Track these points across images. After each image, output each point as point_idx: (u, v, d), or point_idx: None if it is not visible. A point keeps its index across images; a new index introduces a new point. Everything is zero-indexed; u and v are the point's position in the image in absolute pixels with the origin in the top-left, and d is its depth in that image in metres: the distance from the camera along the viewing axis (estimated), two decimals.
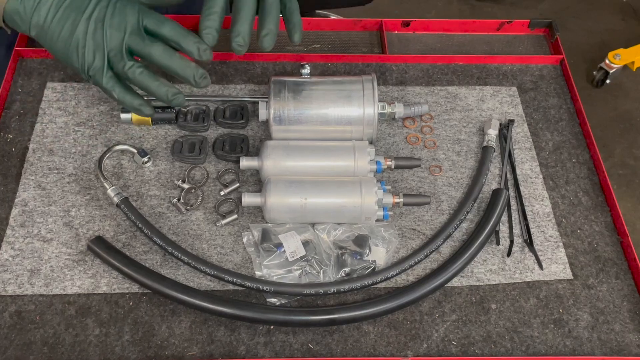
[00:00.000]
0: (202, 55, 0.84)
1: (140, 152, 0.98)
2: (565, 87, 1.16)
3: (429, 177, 1.01)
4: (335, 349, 0.84)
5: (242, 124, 1.05)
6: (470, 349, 0.85)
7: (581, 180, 1.03)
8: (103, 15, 0.83)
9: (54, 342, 0.83)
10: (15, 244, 0.91)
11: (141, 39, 0.83)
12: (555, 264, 0.93)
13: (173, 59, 0.84)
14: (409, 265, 0.90)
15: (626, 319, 0.89)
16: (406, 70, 1.15)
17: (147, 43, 0.83)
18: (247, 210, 0.96)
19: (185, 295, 0.84)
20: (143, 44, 0.83)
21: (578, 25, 2.91)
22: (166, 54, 0.84)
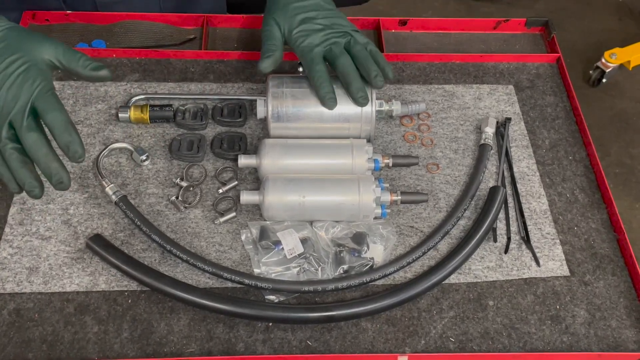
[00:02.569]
0: (71, 156, 0.79)
1: (138, 151, 0.99)
2: (561, 85, 1.16)
3: (426, 175, 1.02)
4: (334, 346, 0.85)
5: (240, 122, 1.05)
6: (468, 345, 0.86)
7: (578, 177, 1.03)
8: (4, 82, 0.80)
9: (53, 339, 0.83)
10: (13, 241, 0.91)
11: (21, 122, 0.78)
12: (552, 260, 0.94)
13: (39, 153, 0.79)
14: (407, 262, 0.90)
15: (622, 315, 0.89)
16: (403, 69, 1.16)
17: (24, 128, 0.78)
18: (246, 208, 0.96)
19: (183, 293, 0.84)
20: (20, 128, 0.78)
21: (574, 24, 2.91)
22: (36, 145, 0.79)
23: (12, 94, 0.79)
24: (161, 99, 1.07)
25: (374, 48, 0.99)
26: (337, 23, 1.01)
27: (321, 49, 0.98)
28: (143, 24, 1.17)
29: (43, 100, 0.80)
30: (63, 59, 0.84)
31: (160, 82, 1.10)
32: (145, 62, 1.12)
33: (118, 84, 1.09)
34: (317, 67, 0.96)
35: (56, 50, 0.84)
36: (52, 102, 0.80)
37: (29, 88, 0.80)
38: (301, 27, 0.99)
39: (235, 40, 1.20)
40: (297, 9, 1.01)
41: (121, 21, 1.17)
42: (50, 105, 0.80)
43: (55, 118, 0.79)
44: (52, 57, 0.84)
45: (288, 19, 1.00)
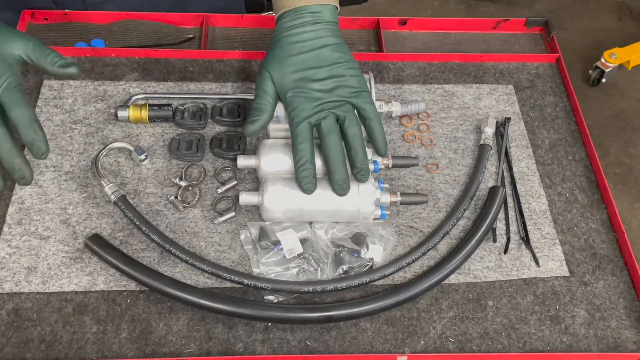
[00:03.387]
0: (35, 152, 0.81)
1: (137, 150, 0.98)
2: (561, 85, 1.16)
3: (426, 175, 1.02)
4: (333, 346, 0.84)
5: (240, 122, 1.05)
6: (468, 345, 0.86)
7: (577, 177, 1.03)
8: None
9: (51, 339, 0.83)
10: (12, 241, 0.91)
11: None
12: (552, 261, 0.94)
13: (2, 148, 0.80)
14: (407, 263, 0.90)
15: (622, 316, 0.89)
16: (403, 69, 1.15)
17: None
18: (245, 208, 0.96)
19: (182, 293, 0.84)
20: None
21: (574, 24, 2.91)
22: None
23: None
24: (160, 99, 1.07)
25: (374, 119, 0.90)
26: (339, 84, 0.90)
27: (310, 123, 0.89)
28: (142, 23, 1.17)
29: (9, 95, 0.80)
30: (32, 54, 0.83)
31: (159, 81, 1.10)
32: (145, 62, 1.12)
33: (117, 83, 1.09)
34: (300, 146, 0.88)
35: (26, 46, 0.83)
36: (17, 99, 0.80)
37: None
38: (294, 91, 0.90)
39: (235, 40, 1.19)
40: (294, 64, 0.91)
41: (120, 20, 1.17)
42: (15, 102, 0.80)
43: (20, 114, 0.79)
44: (22, 52, 0.83)
45: (283, 76, 0.91)
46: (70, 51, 1.12)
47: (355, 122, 0.89)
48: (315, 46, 0.92)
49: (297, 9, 0.93)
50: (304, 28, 0.93)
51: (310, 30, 0.93)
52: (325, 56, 0.92)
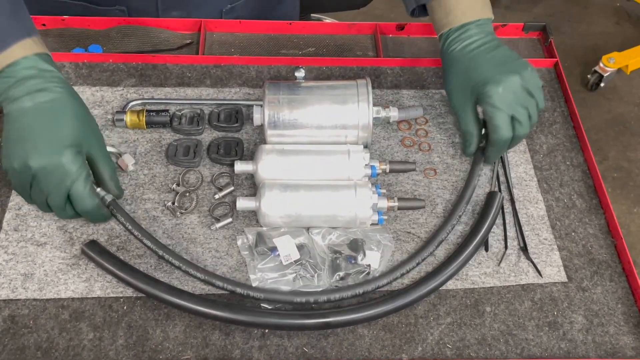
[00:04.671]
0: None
1: (125, 157, 0.98)
2: (559, 90, 1.16)
3: (423, 180, 1.02)
4: (330, 353, 0.84)
5: (237, 128, 1.05)
6: (465, 351, 0.85)
7: (575, 182, 1.03)
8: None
9: (48, 346, 0.83)
10: (8, 248, 0.90)
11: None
12: (550, 266, 0.93)
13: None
14: (401, 273, 0.89)
15: (620, 322, 0.89)
16: (401, 74, 1.15)
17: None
18: (242, 214, 0.96)
19: (179, 299, 0.84)
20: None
21: (572, 28, 2.92)
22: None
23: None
24: (158, 104, 1.07)
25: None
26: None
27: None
28: (140, 29, 1.17)
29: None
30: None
31: (156, 87, 1.09)
32: (142, 67, 1.12)
33: (114, 89, 1.08)
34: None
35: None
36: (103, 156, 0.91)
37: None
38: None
39: (232, 45, 1.19)
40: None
41: (118, 26, 1.17)
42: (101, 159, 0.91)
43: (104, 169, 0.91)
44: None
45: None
46: (68, 57, 1.11)
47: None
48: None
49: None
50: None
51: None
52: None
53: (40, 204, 0.88)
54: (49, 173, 0.83)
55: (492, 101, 0.94)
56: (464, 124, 1.00)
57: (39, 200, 0.87)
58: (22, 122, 0.84)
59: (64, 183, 0.84)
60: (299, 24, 1.22)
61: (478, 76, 0.96)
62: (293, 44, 1.21)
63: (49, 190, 0.84)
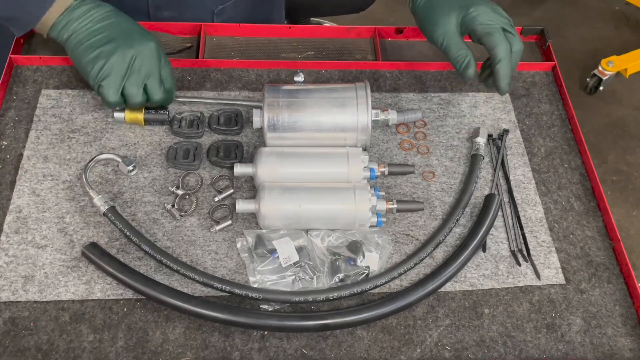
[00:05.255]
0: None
1: (125, 161, 0.98)
2: (557, 93, 1.17)
3: (422, 183, 1.02)
4: (329, 354, 0.85)
5: (237, 131, 1.05)
6: (464, 353, 0.86)
7: (573, 185, 1.04)
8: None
9: (48, 348, 0.83)
10: (9, 250, 0.91)
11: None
12: (548, 268, 0.94)
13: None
14: (398, 273, 0.90)
15: (618, 323, 0.89)
16: (400, 77, 1.16)
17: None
18: (242, 216, 0.96)
19: (179, 301, 0.84)
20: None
21: (571, 32, 2.92)
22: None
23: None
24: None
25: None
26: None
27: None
28: None
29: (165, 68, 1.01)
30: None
31: None
32: None
33: None
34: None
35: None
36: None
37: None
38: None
39: (232, 49, 1.20)
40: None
41: None
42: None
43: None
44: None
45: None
46: (69, 60, 1.12)
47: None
48: None
49: None
50: None
51: None
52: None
53: (132, 93, 0.97)
54: (148, 55, 0.97)
55: (482, 19, 0.97)
56: (456, 48, 0.99)
57: (134, 89, 0.96)
58: (109, 23, 0.98)
59: (159, 62, 0.98)
60: (298, 28, 1.23)
61: (457, 3, 0.99)
62: (292, 48, 1.22)
63: (148, 71, 0.97)
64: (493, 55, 0.96)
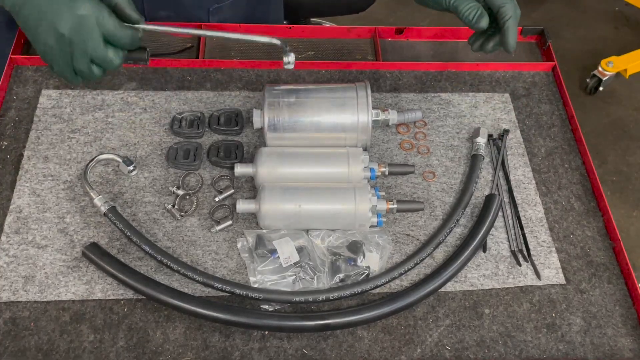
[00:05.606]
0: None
1: (125, 161, 0.98)
2: (557, 93, 1.17)
3: (422, 183, 1.02)
4: (330, 354, 0.85)
5: (237, 131, 1.05)
6: (464, 353, 0.86)
7: (573, 185, 1.04)
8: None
9: (49, 348, 0.83)
10: (9, 250, 0.91)
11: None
12: (548, 268, 0.94)
13: None
14: (399, 273, 0.90)
15: (618, 323, 0.89)
16: (400, 77, 1.16)
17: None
18: (242, 217, 0.96)
19: (179, 301, 0.84)
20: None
21: (571, 33, 2.92)
22: None
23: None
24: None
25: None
26: None
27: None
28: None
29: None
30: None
31: (157, 90, 1.10)
32: (143, 71, 1.13)
33: (115, 92, 1.09)
34: None
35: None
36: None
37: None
38: None
39: (232, 49, 1.20)
40: None
41: None
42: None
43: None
44: None
45: None
46: None
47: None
48: None
49: None
50: None
51: None
52: None
53: (88, 71, 0.86)
54: (79, 31, 0.83)
55: None
56: (466, 2, 0.98)
57: (84, 65, 0.85)
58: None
59: (98, 29, 0.83)
60: (298, 28, 1.23)
61: None
62: (293, 48, 1.21)
63: (90, 45, 0.83)
64: (502, 13, 0.97)
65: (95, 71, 0.86)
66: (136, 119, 1.06)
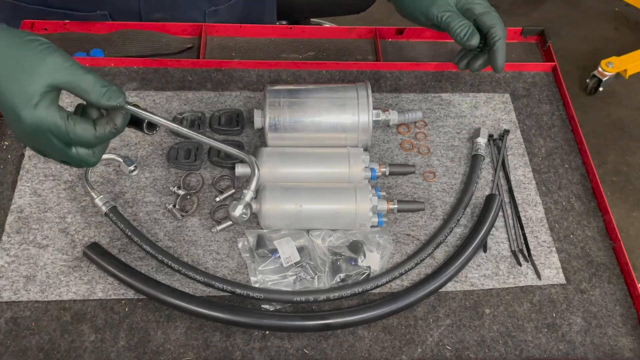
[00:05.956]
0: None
1: (126, 161, 0.98)
2: (557, 94, 1.17)
3: (423, 183, 1.02)
4: (331, 354, 0.85)
5: (238, 131, 1.05)
6: (465, 353, 0.86)
7: (574, 185, 1.04)
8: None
9: (50, 348, 0.83)
10: (10, 250, 0.91)
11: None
12: (549, 268, 0.94)
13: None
14: (399, 273, 0.90)
15: (619, 323, 0.90)
16: (400, 78, 1.16)
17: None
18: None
19: (180, 301, 0.84)
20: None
21: (571, 33, 2.93)
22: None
23: None
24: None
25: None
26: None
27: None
28: (141, 33, 1.18)
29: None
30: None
31: (158, 90, 1.10)
32: (143, 71, 1.13)
33: None
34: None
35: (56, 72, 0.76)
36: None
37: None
38: None
39: (233, 49, 1.20)
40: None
41: (119, 30, 1.18)
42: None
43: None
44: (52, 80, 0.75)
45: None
46: None
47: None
48: None
49: None
50: None
51: None
52: None
53: (75, 162, 0.79)
54: (38, 137, 0.75)
55: (483, 7, 1.00)
56: (457, 20, 0.99)
57: (66, 160, 0.79)
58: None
59: (51, 138, 0.75)
60: (299, 28, 1.23)
61: None
62: (293, 48, 1.22)
63: (54, 152, 0.77)
64: (492, 34, 0.99)
65: (86, 158, 0.78)
66: None
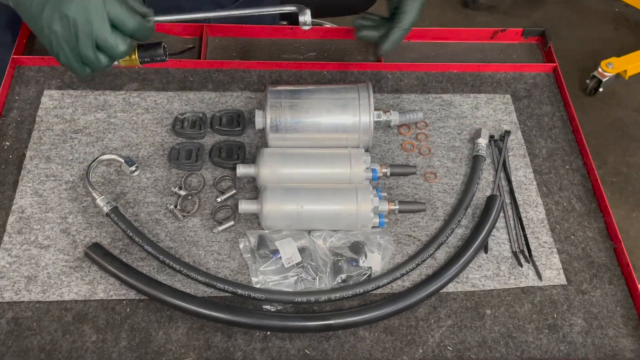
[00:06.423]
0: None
1: (127, 162, 0.98)
2: (558, 94, 1.17)
3: (424, 184, 1.02)
4: (332, 355, 0.85)
5: (239, 131, 1.05)
6: (466, 354, 0.86)
7: (574, 186, 1.04)
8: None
9: (51, 348, 0.83)
10: (12, 250, 0.91)
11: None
12: (550, 269, 0.94)
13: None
14: (401, 274, 0.90)
15: (620, 324, 0.90)
16: (401, 78, 1.16)
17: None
18: (244, 217, 0.96)
19: (182, 302, 0.84)
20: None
21: (571, 34, 2.93)
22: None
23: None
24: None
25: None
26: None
27: None
28: None
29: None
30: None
31: (159, 91, 1.10)
32: (144, 71, 1.13)
33: (117, 92, 1.09)
34: None
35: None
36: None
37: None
38: None
39: (234, 50, 1.20)
40: None
41: None
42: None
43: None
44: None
45: None
46: None
47: None
48: None
49: None
50: None
51: None
52: None
53: (94, 57, 0.81)
54: (84, 12, 0.79)
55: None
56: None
57: (89, 50, 0.81)
58: None
59: (102, 9, 0.79)
60: (299, 29, 1.23)
61: None
62: (294, 49, 1.22)
63: (93, 29, 0.79)
64: (398, 19, 1.00)
65: (102, 59, 0.82)
66: (138, 120, 1.06)
